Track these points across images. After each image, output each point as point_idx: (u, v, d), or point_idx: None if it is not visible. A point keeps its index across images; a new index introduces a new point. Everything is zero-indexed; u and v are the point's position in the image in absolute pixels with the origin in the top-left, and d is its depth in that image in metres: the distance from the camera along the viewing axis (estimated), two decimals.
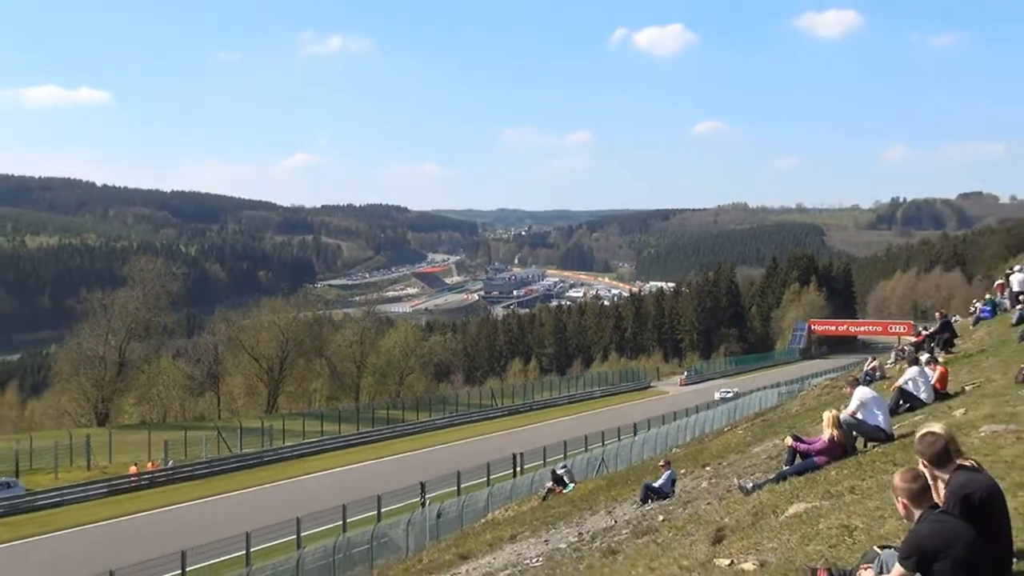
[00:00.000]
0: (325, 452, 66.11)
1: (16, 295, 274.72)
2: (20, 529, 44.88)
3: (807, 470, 15.34)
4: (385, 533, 37.40)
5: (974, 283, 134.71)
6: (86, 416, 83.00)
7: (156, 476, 55.88)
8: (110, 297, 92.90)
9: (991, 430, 13.41)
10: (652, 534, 16.22)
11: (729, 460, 26.07)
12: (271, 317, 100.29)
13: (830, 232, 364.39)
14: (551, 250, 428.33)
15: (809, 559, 8.81)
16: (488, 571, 20.58)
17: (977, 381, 21.24)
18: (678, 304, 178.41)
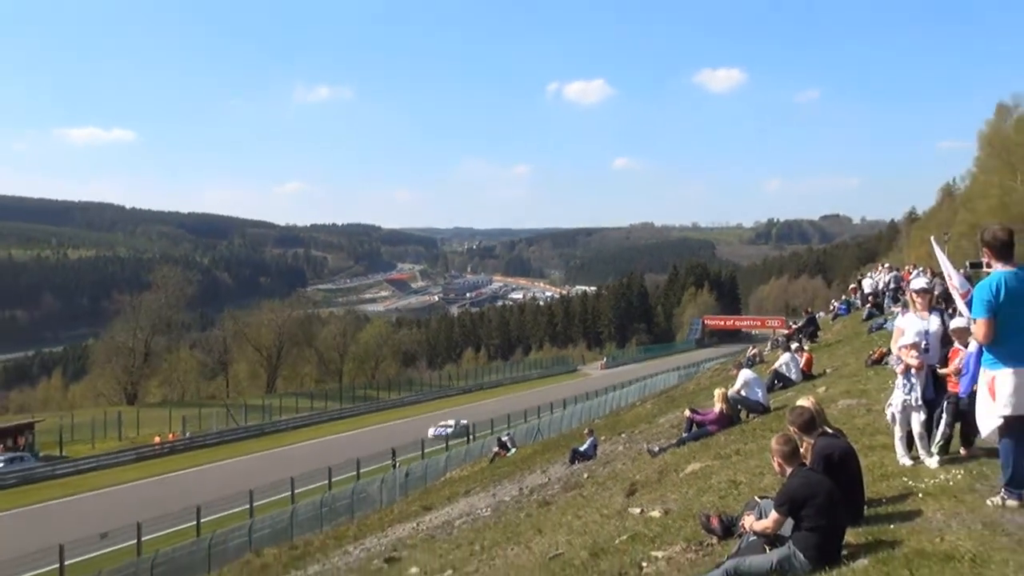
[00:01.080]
0: (314, 425, 65.65)
1: (60, 298, 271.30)
2: (69, 487, 44.34)
3: (702, 436, 15.44)
4: (363, 490, 37.18)
5: (833, 287, 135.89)
6: (118, 396, 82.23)
7: (176, 445, 55.45)
8: (138, 299, 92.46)
9: (847, 404, 13.56)
10: (579, 488, 16.22)
11: (640, 429, 26.14)
12: (270, 315, 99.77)
13: (719, 246, 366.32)
14: (497, 260, 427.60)
15: (704, 508, 8.84)
16: (447, 519, 20.48)
17: (835, 365, 21.49)
18: (599, 304, 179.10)
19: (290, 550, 27.37)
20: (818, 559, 6.08)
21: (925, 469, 8.24)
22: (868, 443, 9.52)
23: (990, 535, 6.01)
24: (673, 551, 7.87)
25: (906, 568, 5.63)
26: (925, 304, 9.48)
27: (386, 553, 17.48)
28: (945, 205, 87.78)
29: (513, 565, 10.24)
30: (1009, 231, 6.78)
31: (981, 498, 6.92)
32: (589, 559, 8.58)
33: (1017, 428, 6.52)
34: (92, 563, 29.21)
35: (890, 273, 34.50)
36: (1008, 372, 6.42)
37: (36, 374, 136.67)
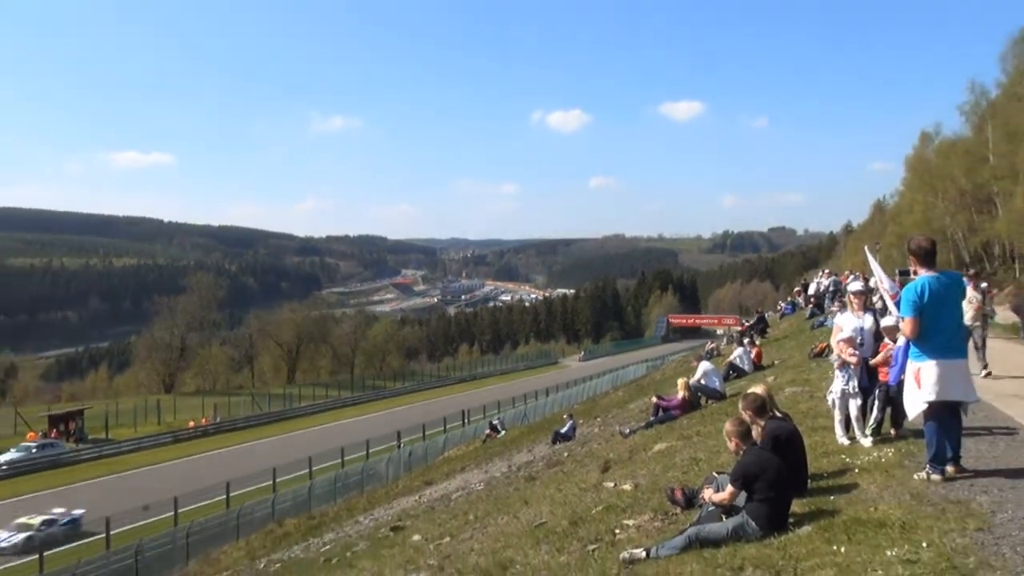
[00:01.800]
0: (329, 411, 65.40)
1: (107, 300, 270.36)
2: (114, 466, 44.18)
3: (667, 420, 15.45)
4: (372, 467, 37.13)
5: (780, 290, 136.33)
6: (157, 386, 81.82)
7: (208, 429, 55.15)
8: (174, 301, 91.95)
9: (792, 391, 13.59)
10: (560, 465, 16.21)
11: (613, 413, 26.16)
12: (290, 315, 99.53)
13: (681, 255, 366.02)
14: (488, 267, 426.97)
15: (669, 482, 8.85)
16: (445, 493, 20.44)
17: (783, 357, 21.55)
18: (577, 305, 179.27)
19: (308, 520, 27.31)
20: (768, 526, 6.10)
21: (860, 448, 8.28)
22: (811, 425, 9.55)
23: (917, 505, 6.03)
24: (642, 519, 7.87)
25: (844, 534, 5.65)
26: (860, 304, 9.55)
27: (392, 522, 17.44)
28: (876, 219, 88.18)
29: (503, 532, 10.22)
30: (932, 241, 6.84)
31: (909, 473, 6.95)
32: (569, 527, 8.58)
33: (939, 412, 6.57)
34: (135, 532, 29.08)
35: (829, 278, 34.60)
36: (932, 364, 6.48)
37: (85, 367, 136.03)
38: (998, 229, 44.43)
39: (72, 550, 27.03)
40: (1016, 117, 41.07)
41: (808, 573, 5.14)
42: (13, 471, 42.12)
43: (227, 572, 20.80)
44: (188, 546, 26.91)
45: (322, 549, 18.02)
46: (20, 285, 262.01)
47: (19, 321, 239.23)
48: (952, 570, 4.71)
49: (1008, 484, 6.38)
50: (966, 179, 48.23)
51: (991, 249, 50.82)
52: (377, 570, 11.04)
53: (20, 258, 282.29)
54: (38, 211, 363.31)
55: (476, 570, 8.03)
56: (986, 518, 5.57)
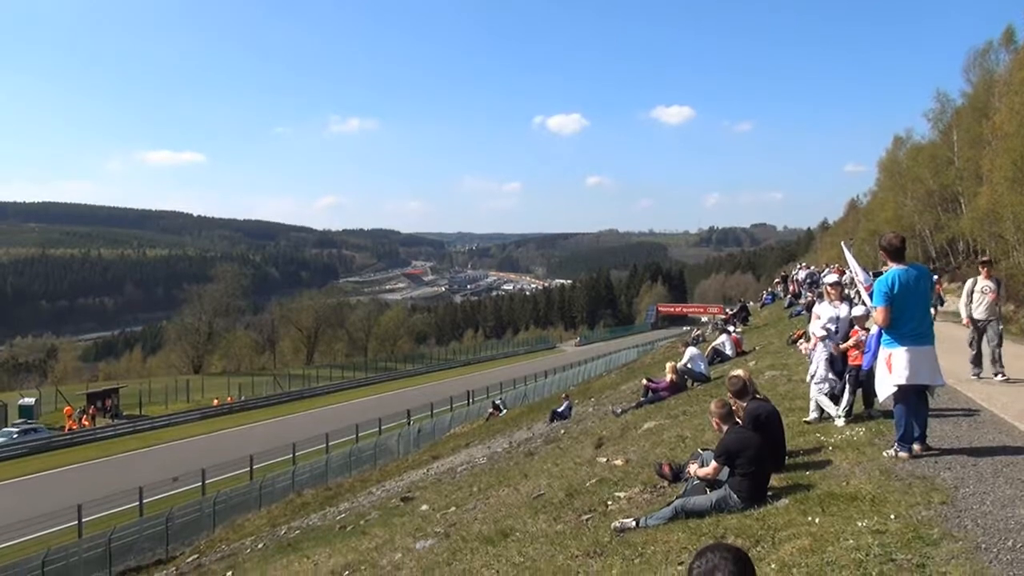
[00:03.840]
0: (345, 390, 65.40)
1: (140, 288, 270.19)
2: (147, 440, 44.26)
3: (656, 401, 15.46)
4: (384, 442, 37.14)
5: (761, 281, 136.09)
6: (186, 367, 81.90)
7: (233, 406, 55.14)
8: (203, 289, 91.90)
9: (772, 375, 13.59)
10: (557, 442, 16.23)
11: (606, 394, 26.19)
12: (309, 302, 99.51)
13: (670, 249, 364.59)
14: (492, 259, 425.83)
15: (657, 457, 8.86)
16: (451, 466, 20.47)
17: (763, 343, 21.54)
18: (573, 294, 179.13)
19: (325, 491, 27.35)
20: (748, 499, 6.11)
21: (834, 427, 8.29)
22: (789, 406, 9.56)
23: (885, 480, 6.04)
24: (633, 492, 7.88)
25: (819, 506, 5.66)
26: (837, 295, 9.56)
27: (402, 493, 17.46)
28: (851, 216, 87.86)
29: (504, 503, 10.24)
30: (901, 238, 6.85)
31: (879, 451, 6.96)
32: (565, 498, 8.59)
33: (908, 395, 6.58)
34: (166, 501, 29.18)
35: (806, 270, 34.55)
36: (902, 350, 6.49)
37: (120, 349, 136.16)
38: (962, 227, 44.33)
39: (107, 517, 27.10)
40: (978, 125, 41.01)
41: (785, 542, 5.14)
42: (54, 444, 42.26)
43: (250, 538, 20.85)
44: (215, 514, 26.99)
45: (338, 518, 18.06)
46: (61, 273, 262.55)
47: (60, 306, 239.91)
48: (918, 540, 4.72)
49: (970, 461, 6.39)
50: (933, 180, 48.15)
51: (956, 245, 50.76)
52: (388, 537, 11.06)
53: (61, 248, 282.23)
54: (78, 205, 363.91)
55: (479, 537, 8.04)
56: (949, 493, 5.59)
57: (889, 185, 56.77)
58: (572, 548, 6.37)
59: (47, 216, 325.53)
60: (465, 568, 6.99)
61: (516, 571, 6.26)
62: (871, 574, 4.34)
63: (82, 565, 22.90)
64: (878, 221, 55.67)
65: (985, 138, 39.83)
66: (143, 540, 24.95)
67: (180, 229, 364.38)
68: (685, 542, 5.59)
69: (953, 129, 46.60)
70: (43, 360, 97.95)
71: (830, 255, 65.47)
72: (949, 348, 9.35)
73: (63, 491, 30.84)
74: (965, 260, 47.86)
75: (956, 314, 23.49)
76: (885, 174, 59.37)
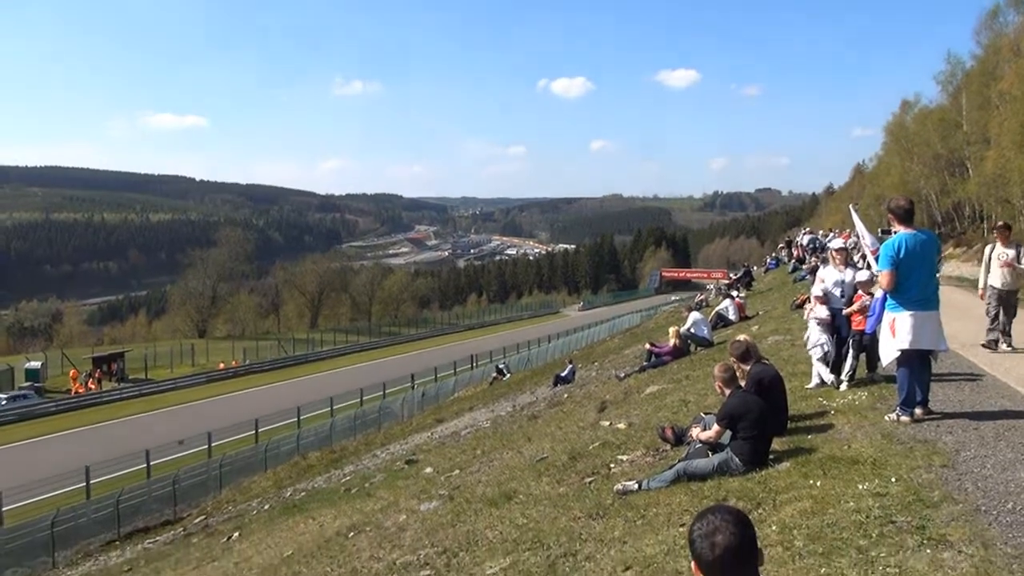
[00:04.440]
0: (349, 354, 65.61)
1: (144, 252, 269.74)
2: (153, 404, 44.53)
3: (659, 365, 15.49)
4: (388, 406, 37.34)
5: (765, 246, 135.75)
6: (191, 331, 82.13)
7: (238, 370, 55.43)
8: (206, 254, 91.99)
9: (775, 339, 13.61)
10: (560, 406, 16.30)
11: (609, 358, 26.24)
12: (312, 267, 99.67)
13: (674, 213, 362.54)
14: (496, 223, 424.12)
15: (660, 421, 8.89)
16: (455, 430, 20.59)
17: (767, 308, 21.53)
18: (577, 259, 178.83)
19: (330, 453, 27.58)
20: (750, 462, 6.14)
21: (836, 391, 8.31)
22: (791, 370, 9.58)
23: (887, 444, 6.07)
24: (635, 455, 7.93)
25: (820, 469, 5.69)
26: (842, 260, 9.53)
27: (407, 456, 17.60)
28: (856, 181, 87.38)
29: (508, 466, 10.31)
30: (910, 201, 6.81)
31: (880, 415, 6.98)
32: (568, 461, 8.65)
33: (911, 359, 6.59)
34: (172, 463, 29.44)
35: (810, 235, 34.44)
36: (906, 315, 6.47)
37: (125, 313, 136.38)
38: (968, 191, 44.14)
39: (115, 479, 27.39)
40: (987, 88, 40.59)
41: (786, 504, 5.18)
42: (61, 407, 42.57)
43: (257, 499, 21.08)
44: (221, 476, 27.27)
45: (343, 480, 18.22)
46: (65, 238, 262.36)
47: (64, 271, 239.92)
48: (918, 502, 4.75)
49: (971, 425, 6.41)
50: (941, 144, 47.82)
51: (961, 210, 50.54)
52: (393, 499, 11.17)
53: (65, 212, 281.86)
54: (81, 169, 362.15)
55: (483, 499, 8.12)
56: (950, 456, 5.62)
57: (896, 149, 56.38)
58: (575, 510, 6.42)
59: (50, 180, 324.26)
60: (469, 529, 7.06)
61: (519, 532, 6.33)
62: (871, 535, 4.37)
63: (91, 525, 23.20)
64: (884, 186, 55.39)
65: (993, 101, 39.47)
66: (151, 501, 25.25)
67: (183, 193, 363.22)
68: (687, 504, 5.64)
69: (962, 92, 46.13)
70: (48, 324, 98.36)
71: (834, 220, 65.12)
72: (953, 313, 9.35)
73: (69, 454, 31.12)
74: (971, 225, 47.69)
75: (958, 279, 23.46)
76: (892, 138, 58.92)
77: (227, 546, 13.43)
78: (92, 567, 18.43)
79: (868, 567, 4.02)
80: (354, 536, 9.23)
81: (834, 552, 4.26)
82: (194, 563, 12.86)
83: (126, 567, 15.93)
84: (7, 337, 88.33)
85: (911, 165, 52.17)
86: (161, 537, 20.25)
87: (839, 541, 4.39)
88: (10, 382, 46.40)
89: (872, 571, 3.97)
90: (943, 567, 3.89)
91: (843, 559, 4.16)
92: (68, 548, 21.85)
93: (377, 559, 7.47)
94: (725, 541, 2.10)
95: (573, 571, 5.03)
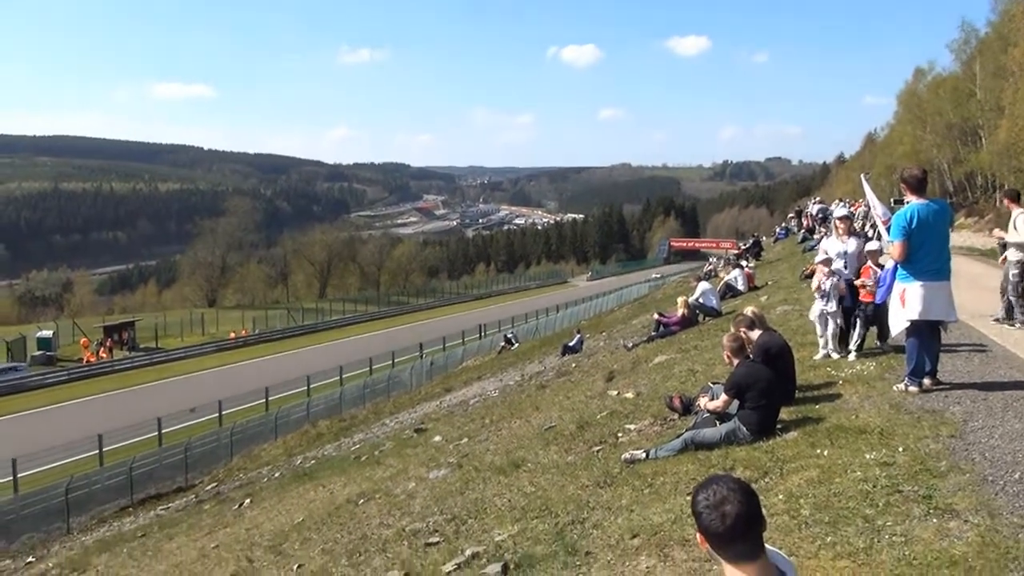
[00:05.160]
0: (357, 324, 65.83)
1: (153, 222, 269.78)
2: (163, 372, 44.82)
3: (667, 335, 15.50)
4: (397, 375, 37.50)
5: (775, 216, 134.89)
6: (201, 300, 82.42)
7: (247, 339, 55.67)
8: (215, 223, 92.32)
9: (784, 309, 13.58)
10: (568, 375, 16.37)
11: (617, 328, 26.27)
12: (321, 236, 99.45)
13: (684, 183, 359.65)
14: (504, 193, 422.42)
15: (668, 391, 8.92)
16: (463, 399, 20.72)
17: (775, 278, 21.47)
18: (586, 228, 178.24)
19: (339, 422, 27.80)
20: (758, 431, 6.17)
21: (845, 361, 8.31)
22: (800, 340, 9.57)
23: (895, 414, 6.08)
24: (643, 424, 7.97)
25: (827, 439, 5.71)
26: (846, 229, 9.46)
27: (415, 425, 17.73)
28: (867, 150, 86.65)
29: (516, 435, 10.38)
30: (923, 171, 6.76)
31: (888, 385, 6.99)
32: (576, 430, 8.70)
33: (921, 330, 6.57)
34: (183, 431, 29.72)
35: (820, 205, 34.22)
36: (917, 285, 6.45)
37: (135, 283, 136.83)
38: (981, 160, 43.77)
39: (127, 447, 27.66)
40: (1002, 56, 40.05)
41: (793, 473, 5.21)
42: (73, 376, 42.92)
43: (267, 467, 21.30)
44: (232, 444, 27.52)
45: (352, 448, 18.38)
46: (74, 207, 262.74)
47: (73, 240, 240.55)
48: (925, 472, 4.77)
49: (980, 396, 6.41)
50: (954, 113, 47.33)
51: (974, 180, 50.14)
52: (402, 467, 11.27)
53: (73, 182, 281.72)
54: (89, 138, 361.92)
55: (491, 467, 8.18)
56: (958, 426, 5.62)
57: (908, 118, 55.82)
58: (583, 478, 6.47)
59: (58, 149, 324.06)
60: (477, 497, 7.13)
61: (528, 500, 6.38)
62: (878, 504, 4.40)
63: (105, 492, 23.49)
64: (895, 155, 54.94)
65: (1009, 68, 38.97)
66: (163, 469, 25.52)
67: (191, 163, 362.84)
68: (694, 473, 5.67)
69: (976, 60, 45.55)
70: (59, 293, 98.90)
71: (845, 189, 64.68)
72: (963, 284, 9.30)
73: (81, 422, 31.41)
74: (983, 195, 47.32)
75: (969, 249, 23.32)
76: (904, 107, 58.32)
77: (239, 513, 13.59)
78: (106, 532, 18.68)
79: (874, 536, 4.04)
80: (364, 503, 9.33)
81: (840, 521, 4.29)
82: (206, 529, 13.03)
83: (140, 533, 16.14)
84: (19, 306, 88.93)
85: (923, 134, 51.69)
86: (174, 504, 20.51)
87: (845, 510, 4.41)
88: (22, 351, 46.75)
89: (878, 540, 3.99)
90: (949, 536, 3.91)
91: (849, 528, 4.19)
92: (82, 514, 22.15)
93: (387, 526, 7.56)
94: (735, 510, 2.10)
95: (581, 538, 5.07)
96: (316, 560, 7.39)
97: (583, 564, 4.69)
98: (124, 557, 13.32)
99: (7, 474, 24.52)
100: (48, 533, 20.92)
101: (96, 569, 13.21)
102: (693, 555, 4.29)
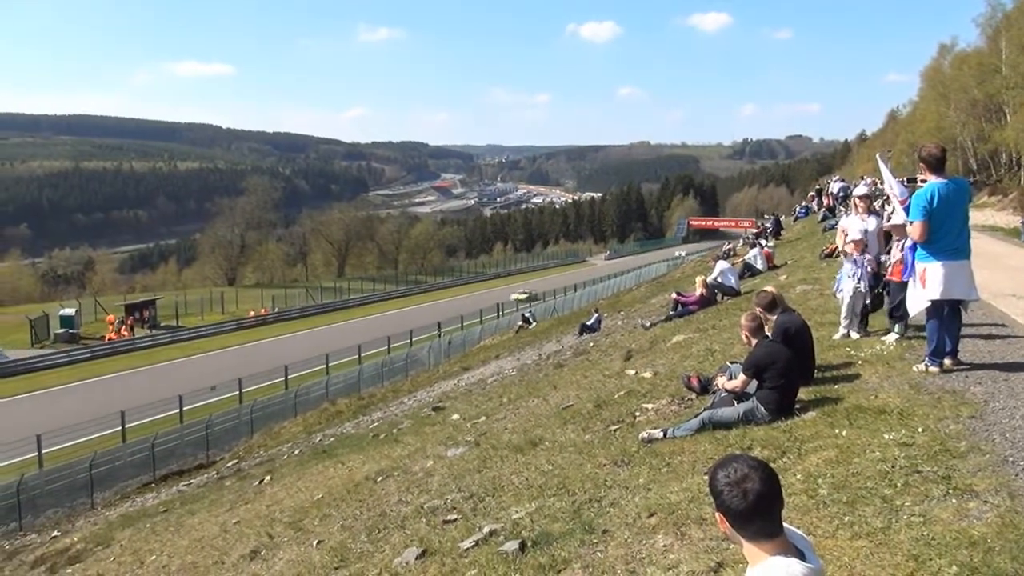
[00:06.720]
0: (376, 303, 66.11)
1: (172, 201, 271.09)
2: (184, 350, 45.28)
3: (685, 315, 15.47)
4: (415, 354, 37.59)
5: (795, 195, 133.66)
6: (220, 279, 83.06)
7: (267, 318, 56.12)
8: (234, 202, 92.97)
9: (803, 289, 13.50)
10: (586, 355, 16.37)
11: (635, 308, 26.21)
12: (339, 215, 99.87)
13: (703, 161, 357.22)
14: (522, 171, 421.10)
15: (685, 370, 8.91)
16: (481, 378, 20.78)
17: (795, 258, 21.33)
18: (604, 207, 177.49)
19: (358, 400, 27.97)
20: (776, 411, 6.16)
21: (864, 340, 8.25)
22: (819, 320, 9.51)
23: (915, 394, 6.04)
24: (660, 404, 7.97)
25: (846, 419, 5.69)
26: (865, 208, 9.39)
27: (433, 403, 17.82)
28: (889, 128, 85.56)
29: (533, 414, 10.42)
30: (942, 149, 6.65)
31: (908, 365, 6.94)
32: (594, 409, 8.72)
33: (941, 310, 6.52)
34: (205, 408, 30.04)
35: (840, 183, 33.86)
36: (937, 265, 6.40)
37: (155, 261, 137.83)
38: (1006, 137, 43.15)
39: (149, 423, 28.00)
40: None
41: (811, 453, 5.20)
42: (96, 353, 43.41)
43: (287, 444, 21.50)
44: (252, 421, 27.81)
45: (371, 426, 18.51)
46: (94, 186, 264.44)
47: (95, 219, 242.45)
48: (944, 452, 4.75)
49: (1001, 376, 6.35)
50: (978, 89, 46.58)
51: (998, 157, 49.45)
52: (420, 445, 11.34)
53: (94, 161, 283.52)
54: (108, 117, 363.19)
55: (509, 446, 8.22)
56: (979, 407, 5.58)
57: (931, 95, 54.99)
58: (600, 457, 6.49)
59: (79, 129, 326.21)
60: (495, 475, 7.17)
61: (545, 479, 6.41)
62: (896, 485, 4.38)
63: (127, 468, 23.85)
64: (918, 132, 54.17)
65: None
66: (184, 445, 25.86)
67: (210, 142, 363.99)
68: (711, 452, 5.68)
69: (1002, 35, 44.76)
70: (81, 272, 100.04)
71: (866, 168, 63.81)
72: (983, 263, 9.20)
73: (105, 398, 31.84)
74: (1007, 172, 46.70)
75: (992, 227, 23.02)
76: (928, 84, 57.45)
77: (259, 489, 13.75)
78: (129, 508, 18.98)
79: (892, 516, 4.04)
80: (382, 480, 9.41)
81: (858, 501, 4.28)
82: (227, 505, 13.20)
83: (162, 508, 16.39)
84: (41, 284, 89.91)
85: (947, 111, 50.94)
86: (195, 480, 20.78)
87: (864, 490, 4.40)
88: (45, 328, 47.35)
89: (896, 520, 3.99)
90: (968, 516, 3.90)
91: (867, 508, 4.18)
92: (106, 490, 22.52)
93: (405, 503, 7.63)
94: (756, 487, 2.11)
95: (598, 517, 5.10)
96: (335, 536, 7.47)
97: (600, 542, 4.72)
98: (147, 532, 13.53)
99: (32, 450, 24.92)
100: (72, 508, 21.29)
101: (120, 544, 13.43)
102: (710, 534, 4.31)
